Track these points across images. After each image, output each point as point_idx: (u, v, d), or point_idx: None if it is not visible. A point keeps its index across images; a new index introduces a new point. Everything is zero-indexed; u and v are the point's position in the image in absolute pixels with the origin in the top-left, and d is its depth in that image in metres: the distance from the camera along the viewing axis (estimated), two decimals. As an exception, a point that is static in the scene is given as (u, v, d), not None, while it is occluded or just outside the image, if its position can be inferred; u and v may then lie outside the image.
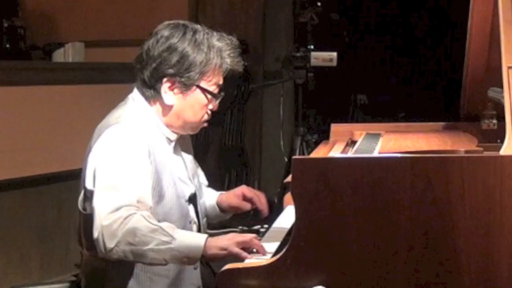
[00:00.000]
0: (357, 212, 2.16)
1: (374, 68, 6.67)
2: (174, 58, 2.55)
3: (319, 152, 3.18)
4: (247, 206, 2.83)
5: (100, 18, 6.26)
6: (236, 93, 5.88)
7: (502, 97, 2.36)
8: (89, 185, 2.50)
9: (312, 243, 2.18)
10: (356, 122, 6.10)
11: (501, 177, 2.13)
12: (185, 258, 2.38)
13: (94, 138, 2.55)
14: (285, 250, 2.21)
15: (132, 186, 2.42)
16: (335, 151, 3.04)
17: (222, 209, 2.87)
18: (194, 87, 2.59)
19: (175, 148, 2.69)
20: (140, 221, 2.35)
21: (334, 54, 5.15)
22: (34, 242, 4.80)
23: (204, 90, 2.59)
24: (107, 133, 2.51)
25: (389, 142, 2.90)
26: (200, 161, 2.93)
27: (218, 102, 2.66)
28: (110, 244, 2.35)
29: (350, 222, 2.16)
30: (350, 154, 2.89)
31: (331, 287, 2.17)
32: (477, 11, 2.91)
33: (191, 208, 2.69)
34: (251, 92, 6.07)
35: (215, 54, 2.58)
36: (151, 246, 2.34)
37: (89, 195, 2.50)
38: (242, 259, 2.35)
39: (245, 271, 2.24)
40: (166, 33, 2.58)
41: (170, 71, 2.56)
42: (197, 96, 2.60)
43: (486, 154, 2.40)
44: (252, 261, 2.32)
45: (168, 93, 2.58)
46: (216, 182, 3.02)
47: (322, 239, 2.17)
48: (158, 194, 2.53)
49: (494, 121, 2.79)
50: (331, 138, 3.38)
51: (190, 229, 2.65)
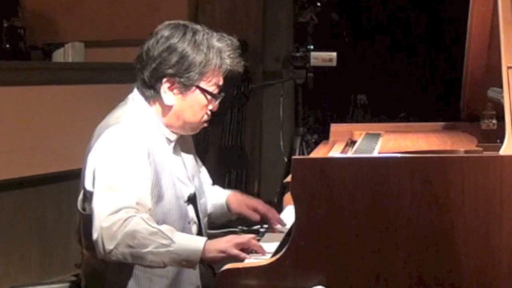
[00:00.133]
0: (356, 212, 2.16)
1: (373, 68, 6.67)
2: (174, 58, 2.55)
3: (319, 152, 3.18)
4: (257, 217, 2.83)
5: (100, 18, 6.26)
6: (236, 93, 5.88)
7: (502, 97, 2.36)
8: (88, 185, 2.50)
9: (311, 243, 2.18)
10: (355, 122, 6.10)
11: (500, 177, 2.13)
12: (184, 261, 2.38)
13: (94, 138, 2.55)
14: (284, 250, 2.21)
15: (131, 187, 2.42)
16: (335, 151, 3.04)
17: (229, 209, 2.88)
18: (194, 88, 2.58)
19: (175, 148, 2.68)
20: (139, 223, 2.35)
21: (334, 54, 5.15)
22: (34, 242, 4.80)
23: (203, 91, 2.59)
24: (107, 133, 2.51)
25: (388, 142, 2.89)
26: (199, 161, 2.92)
27: (218, 102, 2.66)
28: (110, 246, 2.35)
29: (349, 222, 2.16)
30: (350, 154, 2.89)
31: (331, 287, 2.17)
32: (476, 11, 2.91)
33: (191, 208, 2.68)
34: (251, 92, 6.06)
35: (215, 54, 2.58)
36: (150, 249, 2.34)
37: (88, 196, 2.50)
38: (241, 260, 2.35)
39: (244, 271, 2.24)
40: (166, 33, 2.58)
41: (170, 71, 2.56)
42: (196, 96, 2.60)
43: (485, 154, 2.40)
44: (251, 261, 2.33)
45: (167, 93, 2.58)
46: (216, 182, 3.01)
47: (322, 239, 2.17)
48: (157, 195, 2.53)
49: (494, 121, 2.79)
50: (331, 138, 3.38)
51: (190, 229, 2.65)
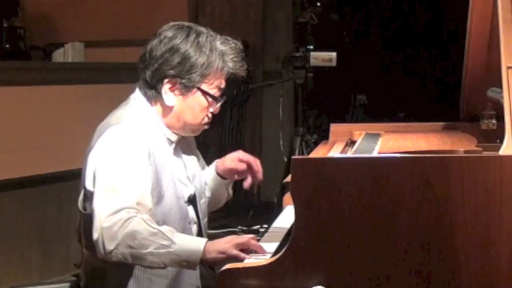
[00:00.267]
0: (356, 212, 2.16)
1: (373, 68, 6.67)
2: (176, 59, 2.55)
3: (319, 152, 3.18)
4: (243, 165, 2.80)
5: (99, 18, 6.26)
6: (236, 93, 5.88)
7: (502, 97, 2.36)
8: (89, 185, 2.51)
9: (311, 243, 2.18)
10: (355, 122, 6.10)
11: (500, 177, 2.13)
12: (184, 262, 2.38)
13: (95, 138, 2.55)
14: (284, 250, 2.21)
15: (132, 188, 2.42)
16: (335, 151, 3.04)
17: (220, 175, 2.86)
18: (195, 89, 2.58)
19: (176, 149, 2.68)
20: (140, 224, 2.35)
21: (334, 54, 5.16)
22: (34, 242, 4.80)
23: (204, 93, 2.59)
24: (108, 133, 2.51)
25: (388, 142, 2.89)
26: (203, 160, 2.92)
27: (219, 105, 2.66)
28: (110, 246, 2.35)
29: (349, 222, 2.16)
30: (350, 154, 2.89)
31: (331, 287, 2.17)
32: (476, 11, 2.91)
33: (191, 209, 2.68)
34: (251, 92, 6.07)
35: (217, 57, 2.57)
36: (151, 249, 2.34)
37: (89, 195, 2.50)
38: (241, 260, 2.35)
39: (244, 271, 2.23)
40: (169, 34, 2.58)
41: (171, 72, 2.56)
42: (197, 98, 2.60)
43: (485, 154, 2.40)
44: (251, 261, 2.32)
45: (168, 94, 2.58)
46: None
47: (322, 239, 2.17)
48: (158, 195, 2.53)
49: (494, 121, 2.79)
50: (331, 138, 3.38)
51: (190, 229, 2.65)
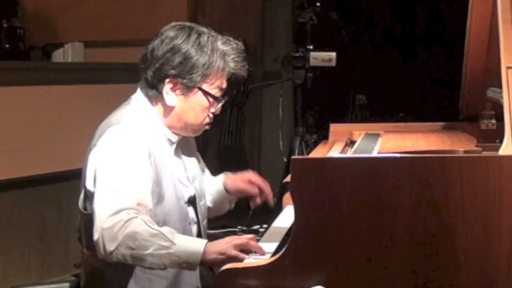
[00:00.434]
0: (356, 212, 2.16)
1: (373, 68, 6.67)
2: (177, 59, 2.55)
3: (318, 152, 3.18)
4: (254, 189, 2.82)
5: (99, 18, 6.25)
6: (235, 93, 5.88)
7: (501, 97, 2.36)
8: (89, 185, 2.51)
9: (311, 243, 2.18)
10: (355, 122, 6.10)
11: (500, 177, 2.13)
12: (184, 264, 2.38)
13: (96, 138, 2.55)
14: (284, 250, 2.21)
15: (132, 188, 2.42)
16: (334, 151, 3.04)
17: (228, 191, 2.88)
18: (196, 89, 2.58)
19: (176, 150, 2.69)
20: (140, 225, 2.35)
21: (333, 54, 5.15)
22: (34, 242, 4.80)
23: (205, 93, 2.59)
24: (108, 133, 2.51)
25: (388, 142, 2.90)
26: (203, 162, 2.93)
27: (220, 105, 2.66)
28: (110, 247, 2.35)
29: (349, 222, 2.16)
30: (349, 154, 2.89)
31: (330, 287, 2.17)
32: (476, 12, 2.91)
33: (191, 209, 2.69)
34: (250, 92, 6.06)
35: (218, 57, 2.58)
36: (151, 250, 2.34)
37: (89, 195, 2.51)
38: (241, 261, 2.35)
39: (244, 271, 2.24)
40: (171, 34, 2.58)
41: (173, 72, 2.56)
42: (198, 98, 2.60)
43: (485, 154, 2.40)
44: (251, 261, 2.33)
45: (170, 94, 2.59)
46: (215, 182, 3.01)
47: (321, 239, 2.17)
48: (158, 195, 2.53)
49: (493, 121, 2.79)
50: (330, 138, 3.38)
51: (190, 230, 2.65)
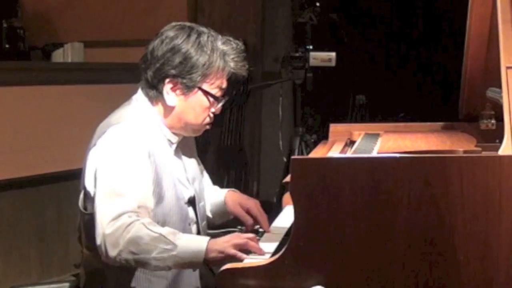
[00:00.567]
0: (355, 212, 2.16)
1: (373, 68, 6.66)
2: (177, 59, 2.56)
3: (318, 152, 3.18)
4: (249, 220, 2.78)
5: (99, 18, 6.25)
6: (235, 93, 5.88)
7: (501, 97, 2.37)
8: (89, 185, 2.51)
9: (310, 243, 2.18)
10: (355, 122, 6.10)
11: (499, 177, 2.13)
12: (187, 264, 2.39)
13: (95, 137, 2.55)
14: (283, 250, 2.21)
15: (133, 191, 2.43)
16: (334, 151, 3.04)
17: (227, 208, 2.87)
18: (196, 89, 2.59)
19: (176, 151, 2.69)
20: (141, 229, 2.35)
21: (333, 54, 5.15)
22: (34, 242, 4.80)
23: (206, 93, 2.59)
24: (108, 133, 2.51)
25: (388, 142, 2.90)
26: (201, 164, 2.92)
27: (221, 105, 2.66)
28: (113, 252, 2.36)
29: (348, 222, 2.16)
30: (349, 154, 2.89)
31: (330, 287, 2.17)
32: (475, 12, 2.91)
33: (191, 210, 2.69)
34: (250, 92, 6.06)
35: (218, 57, 2.58)
36: (154, 254, 2.35)
37: (89, 195, 2.51)
38: (241, 260, 2.35)
39: (244, 271, 2.24)
40: (171, 34, 2.58)
41: (173, 72, 2.56)
42: (198, 98, 2.60)
43: (484, 154, 2.40)
44: (251, 261, 2.33)
45: (170, 94, 2.59)
46: (215, 182, 3.01)
47: (321, 239, 2.18)
48: (158, 196, 2.53)
49: (493, 121, 2.79)
50: (330, 138, 3.38)
51: (190, 230, 2.65)
